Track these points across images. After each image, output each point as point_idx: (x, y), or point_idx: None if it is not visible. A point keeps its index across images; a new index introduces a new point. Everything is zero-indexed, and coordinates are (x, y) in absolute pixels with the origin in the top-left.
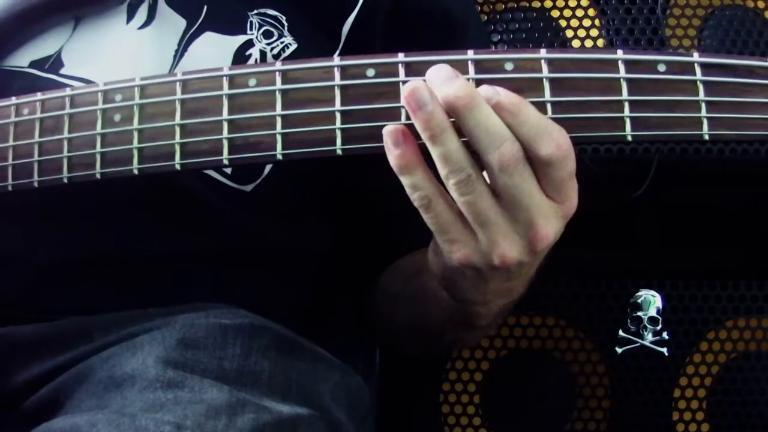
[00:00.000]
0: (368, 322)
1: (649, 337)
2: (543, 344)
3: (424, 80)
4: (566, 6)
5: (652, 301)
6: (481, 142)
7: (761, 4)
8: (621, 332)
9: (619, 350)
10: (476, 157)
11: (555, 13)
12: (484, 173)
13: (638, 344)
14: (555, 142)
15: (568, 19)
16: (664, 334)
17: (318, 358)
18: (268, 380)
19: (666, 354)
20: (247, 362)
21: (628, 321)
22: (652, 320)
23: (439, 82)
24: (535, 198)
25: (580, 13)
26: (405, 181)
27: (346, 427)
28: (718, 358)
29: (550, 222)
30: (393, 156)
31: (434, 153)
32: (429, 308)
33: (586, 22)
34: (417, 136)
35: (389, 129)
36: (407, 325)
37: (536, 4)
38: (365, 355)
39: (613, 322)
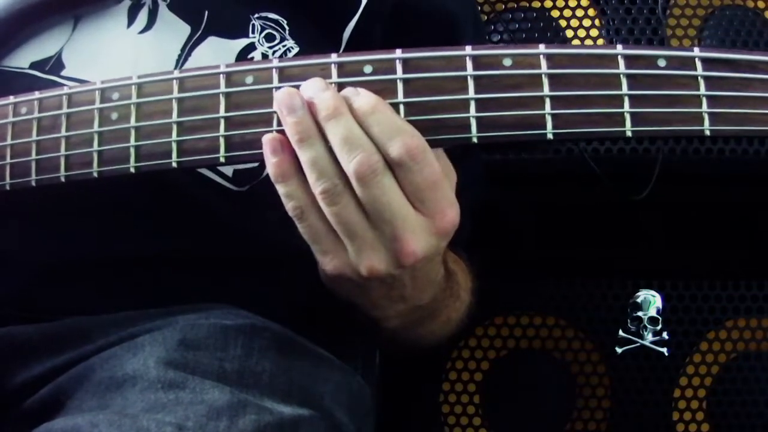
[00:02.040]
0: None
1: (649, 337)
2: (543, 344)
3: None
4: (566, 6)
5: (652, 301)
6: (339, 152)
7: (761, 4)
8: (621, 332)
9: (619, 350)
10: None
11: (555, 13)
12: None
13: (638, 344)
14: (404, 143)
15: (568, 19)
16: (664, 334)
17: (319, 358)
18: (269, 381)
19: (666, 354)
20: (248, 363)
21: (628, 321)
22: (652, 320)
23: (308, 92)
24: (400, 210)
25: (580, 13)
26: (280, 190)
27: (347, 428)
28: (718, 358)
29: (417, 236)
30: (270, 164)
31: (302, 159)
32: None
33: (586, 22)
34: None
35: (268, 137)
36: None
37: (536, 4)
38: (365, 355)
39: (613, 322)
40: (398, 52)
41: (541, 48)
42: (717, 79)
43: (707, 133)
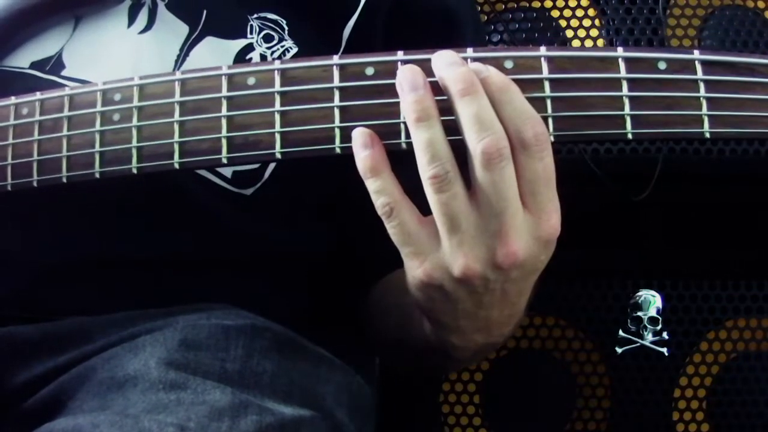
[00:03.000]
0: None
1: (649, 337)
2: (543, 344)
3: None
4: (566, 6)
5: (652, 301)
6: (469, 130)
7: (761, 4)
8: (621, 332)
9: (619, 350)
10: (459, 160)
11: (555, 13)
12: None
13: (638, 344)
14: (534, 127)
15: (568, 19)
16: (664, 334)
17: (320, 358)
18: (270, 381)
19: (666, 354)
20: (249, 363)
21: (628, 321)
22: (652, 320)
23: (442, 65)
24: (512, 203)
25: (580, 13)
26: (371, 185)
27: (348, 428)
28: (718, 358)
29: (521, 238)
30: (361, 158)
31: (417, 140)
32: (412, 329)
33: (586, 22)
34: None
35: (359, 131)
36: (394, 342)
37: (536, 4)
38: (365, 356)
39: (613, 322)
40: (400, 54)
41: (542, 50)
42: (717, 82)
43: (707, 135)
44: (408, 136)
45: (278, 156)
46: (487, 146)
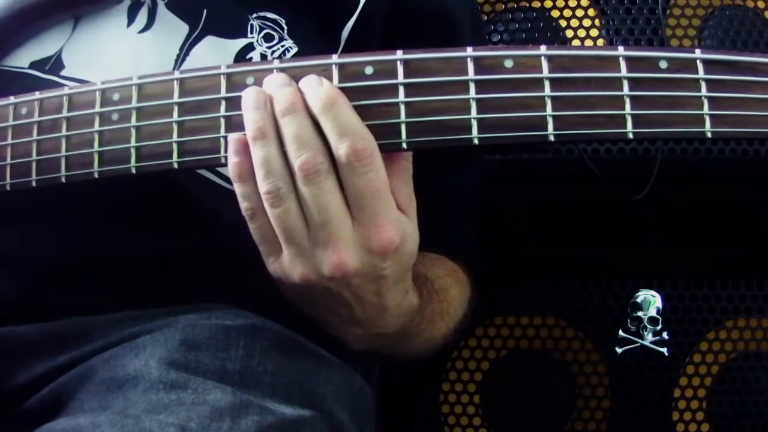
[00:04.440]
0: None
1: (649, 337)
2: (543, 344)
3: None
4: (566, 6)
5: (652, 301)
6: (289, 147)
7: (761, 4)
8: (621, 332)
9: (619, 350)
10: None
11: (555, 13)
12: None
13: (638, 344)
14: (353, 143)
15: (568, 19)
16: (664, 334)
17: (320, 358)
18: (271, 381)
19: (666, 354)
20: (250, 363)
21: (628, 321)
22: (652, 320)
23: (270, 86)
24: (336, 215)
25: (580, 13)
26: (237, 190)
27: (348, 428)
28: (718, 358)
29: (349, 248)
30: (231, 163)
31: (254, 157)
32: None
33: (586, 22)
34: None
35: (233, 137)
36: None
37: (536, 4)
38: (365, 356)
39: (613, 322)
40: (399, 53)
41: (543, 49)
42: (718, 81)
43: (708, 135)
44: (408, 136)
45: None
46: (303, 163)
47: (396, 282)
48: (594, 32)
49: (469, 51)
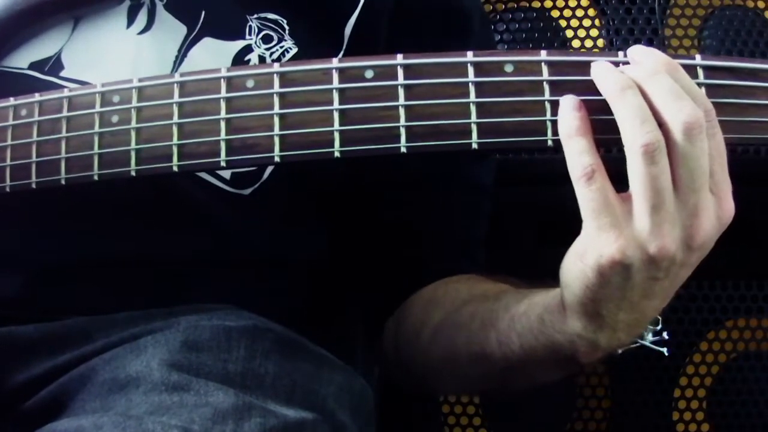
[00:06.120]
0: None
1: (649, 337)
2: None
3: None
4: (566, 6)
5: None
6: (666, 101)
7: (761, 4)
8: None
9: (619, 350)
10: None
11: (555, 13)
12: None
13: (638, 344)
14: (707, 105)
15: (568, 19)
16: (664, 334)
17: (321, 359)
18: (272, 383)
19: (666, 354)
20: (252, 365)
21: None
22: (652, 320)
23: (631, 54)
24: (707, 181)
25: (580, 13)
26: (576, 145)
27: (349, 430)
28: (718, 358)
29: (710, 216)
30: (571, 117)
31: (625, 108)
32: (510, 337)
33: (586, 22)
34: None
35: (568, 95)
36: (466, 361)
37: (536, 4)
38: (365, 356)
39: None
40: (399, 57)
41: (543, 55)
42: (718, 87)
43: None
44: (408, 140)
45: (277, 159)
46: (688, 116)
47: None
48: (594, 32)
49: (469, 55)
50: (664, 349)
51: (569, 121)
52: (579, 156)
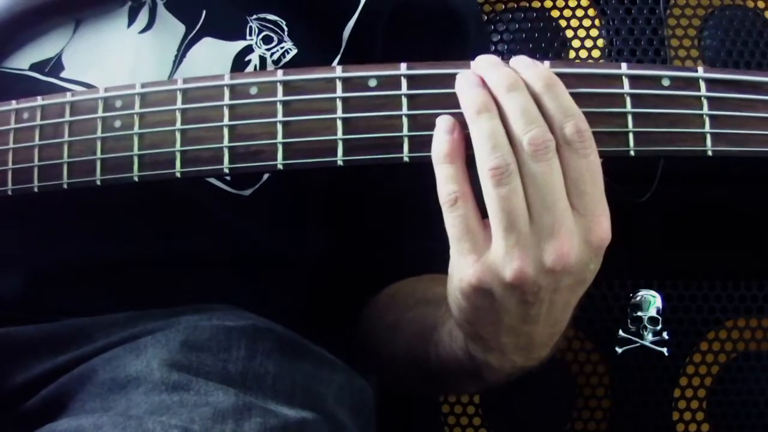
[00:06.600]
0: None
1: (649, 337)
2: None
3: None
4: (566, 6)
5: (652, 301)
6: (515, 123)
7: (761, 4)
8: (621, 332)
9: (619, 350)
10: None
11: (555, 13)
12: None
13: (638, 344)
14: (576, 123)
15: (568, 19)
16: (664, 334)
17: (321, 359)
18: (273, 383)
19: (666, 354)
20: (252, 365)
21: (628, 321)
22: (652, 320)
23: (481, 67)
24: (561, 199)
25: (580, 13)
26: (443, 170)
27: (350, 430)
28: (718, 358)
29: (572, 237)
30: (441, 141)
31: (479, 131)
32: (431, 347)
33: (586, 22)
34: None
35: (444, 116)
36: (404, 362)
37: (536, 4)
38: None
39: (613, 322)
40: (403, 67)
41: (546, 65)
42: (720, 99)
43: (709, 153)
44: (411, 149)
45: (280, 167)
46: (533, 138)
47: (581, 293)
48: (594, 32)
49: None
50: (664, 349)
51: (439, 146)
52: (445, 182)
